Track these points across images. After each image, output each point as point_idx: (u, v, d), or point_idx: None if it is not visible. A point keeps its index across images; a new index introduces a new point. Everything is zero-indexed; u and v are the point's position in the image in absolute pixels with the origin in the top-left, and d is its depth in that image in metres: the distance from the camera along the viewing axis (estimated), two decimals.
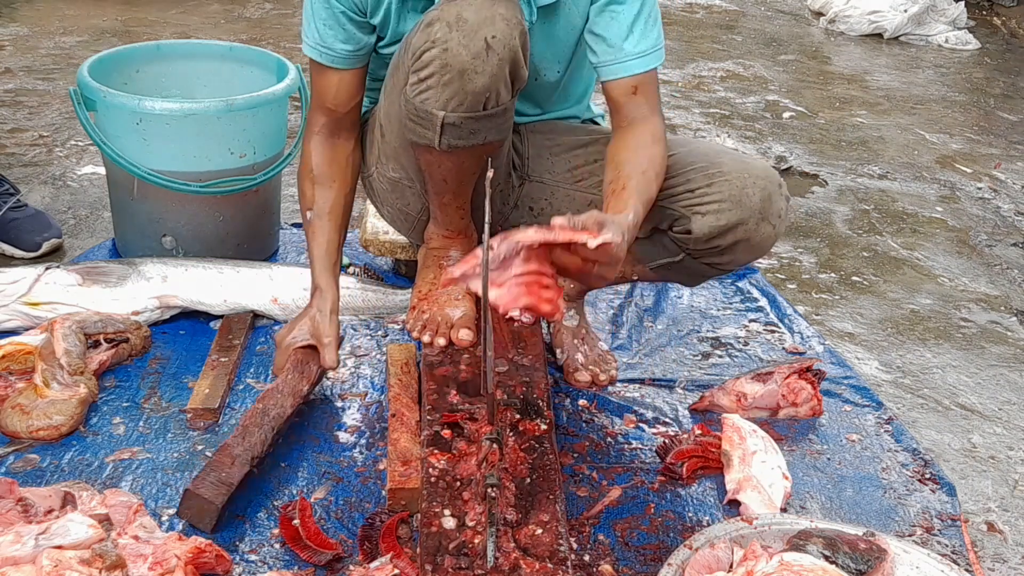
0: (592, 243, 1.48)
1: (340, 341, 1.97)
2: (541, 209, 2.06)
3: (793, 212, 3.11)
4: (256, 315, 2.24)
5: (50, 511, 1.54)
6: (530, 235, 1.49)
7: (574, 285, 2.13)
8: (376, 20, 1.85)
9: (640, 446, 1.95)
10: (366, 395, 2.04)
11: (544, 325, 2.16)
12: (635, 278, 2.07)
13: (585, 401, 2.08)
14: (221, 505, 1.63)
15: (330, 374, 2.04)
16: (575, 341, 2.15)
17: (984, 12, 5.94)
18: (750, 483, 1.78)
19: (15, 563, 1.38)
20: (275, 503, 1.71)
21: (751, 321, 2.45)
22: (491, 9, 1.65)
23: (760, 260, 2.78)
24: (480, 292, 1.53)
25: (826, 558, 1.47)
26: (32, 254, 2.46)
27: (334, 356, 1.93)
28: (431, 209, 2.00)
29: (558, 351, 2.15)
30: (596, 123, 2.17)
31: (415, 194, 2.01)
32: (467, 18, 1.64)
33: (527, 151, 2.06)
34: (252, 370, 2.08)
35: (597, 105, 2.20)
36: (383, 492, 1.73)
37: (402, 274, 2.48)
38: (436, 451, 1.66)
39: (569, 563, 1.45)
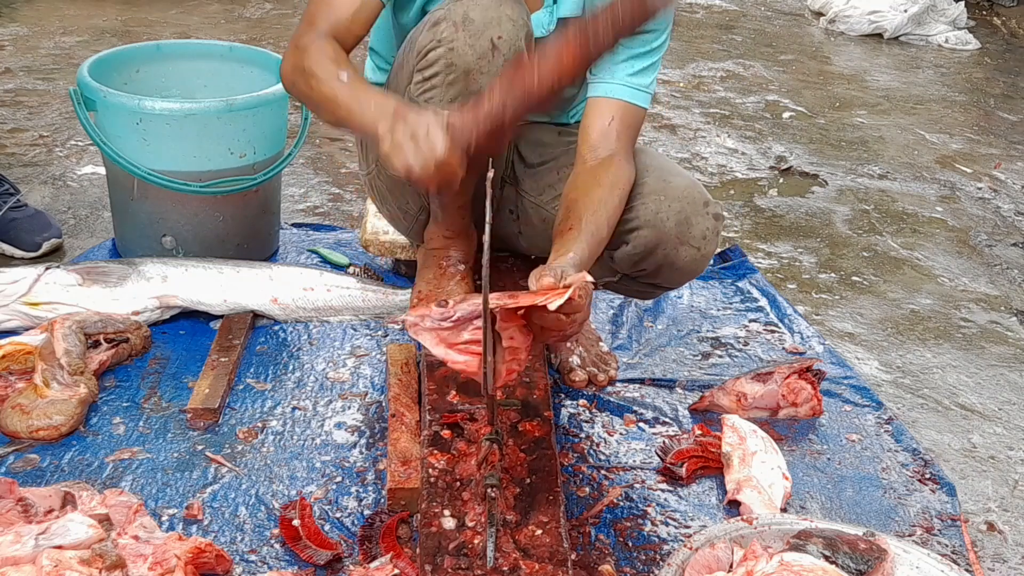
0: (552, 306, 1.42)
1: None
2: (519, 215, 2.07)
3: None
4: (256, 315, 2.24)
5: (50, 511, 1.54)
6: (492, 300, 1.44)
7: None
8: None
9: (640, 446, 1.95)
10: (366, 395, 2.04)
11: None
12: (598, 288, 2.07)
13: (585, 401, 2.07)
14: None
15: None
16: (568, 344, 2.14)
17: (984, 12, 5.94)
18: (750, 483, 1.78)
19: (15, 563, 1.38)
20: (275, 503, 1.71)
21: (751, 321, 2.45)
22: (498, 10, 1.65)
23: (760, 260, 2.78)
24: (430, 348, 1.49)
25: (826, 558, 1.47)
26: (32, 254, 2.46)
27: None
28: (432, 209, 2.00)
29: (552, 355, 2.15)
30: None
31: (414, 193, 2.01)
32: (474, 18, 1.64)
33: (510, 155, 2.06)
34: (252, 370, 2.08)
35: None
36: (383, 492, 1.73)
37: (402, 274, 2.48)
38: (436, 451, 1.66)
39: (569, 564, 1.45)
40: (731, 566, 1.52)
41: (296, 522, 1.62)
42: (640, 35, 1.81)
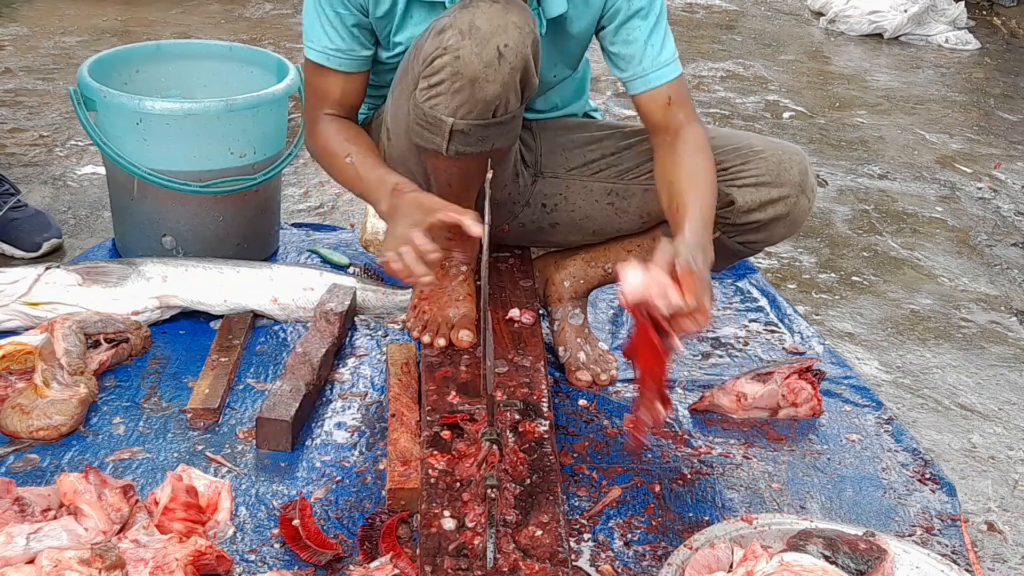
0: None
1: None
2: (555, 204, 2.06)
3: None
4: (256, 315, 2.24)
5: (47, 510, 1.54)
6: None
7: (584, 282, 2.13)
8: (378, 17, 1.85)
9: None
10: (366, 395, 2.04)
11: (545, 323, 2.16)
12: None
13: (585, 401, 2.07)
14: (291, 421, 1.81)
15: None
16: (578, 340, 2.14)
17: (984, 12, 5.93)
18: None
19: (7, 563, 1.38)
20: (275, 503, 1.71)
21: (751, 321, 2.45)
22: (504, 17, 1.64)
23: (760, 260, 2.78)
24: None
25: (826, 558, 1.47)
26: (32, 254, 2.46)
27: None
28: None
29: (560, 349, 2.15)
30: (591, 116, 2.18)
31: None
32: (480, 26, 1.63)
33: (539, 147, 2.06)
34: (252, 370, 2.08)
35: (602, 106, 2.20)
36: (383, 492, 1.73)
37: None
38: (436, 452, 1.66)
39: (569, 564, 1.45)
40: (731, 566, 1.52)
41: (296, 522, 1.62)
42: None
